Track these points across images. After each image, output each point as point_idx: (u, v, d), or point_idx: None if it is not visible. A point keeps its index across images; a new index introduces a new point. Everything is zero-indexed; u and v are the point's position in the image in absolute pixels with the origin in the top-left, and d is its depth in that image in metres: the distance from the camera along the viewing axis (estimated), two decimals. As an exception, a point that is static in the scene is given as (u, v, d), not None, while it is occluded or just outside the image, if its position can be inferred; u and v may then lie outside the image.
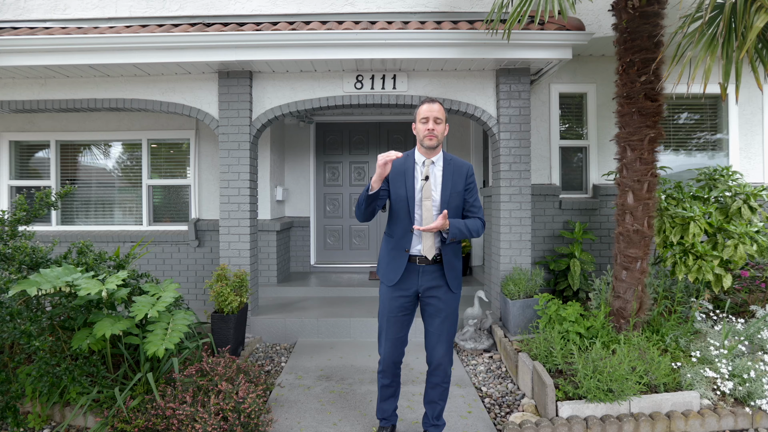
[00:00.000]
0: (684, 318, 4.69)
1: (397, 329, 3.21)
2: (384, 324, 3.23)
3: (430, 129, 3.06)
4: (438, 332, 3.18)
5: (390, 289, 3.19)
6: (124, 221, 7.38)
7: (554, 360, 4.04)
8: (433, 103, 3.09)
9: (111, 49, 5.21)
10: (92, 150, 7.44)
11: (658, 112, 4.35)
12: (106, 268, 4.08)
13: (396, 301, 3.18)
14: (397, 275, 3.13)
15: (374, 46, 5.21)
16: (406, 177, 3.14)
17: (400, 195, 3.13)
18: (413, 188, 3.13)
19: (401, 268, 3.12)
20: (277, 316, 5.85)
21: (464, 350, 5.36)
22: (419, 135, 3.13)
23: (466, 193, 3.21)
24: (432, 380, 3.27)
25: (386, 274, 3.21)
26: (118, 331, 3.35)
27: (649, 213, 4.42)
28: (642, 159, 4.39)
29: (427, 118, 3.07)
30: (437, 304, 3.16)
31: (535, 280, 5.34)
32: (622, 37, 4.49)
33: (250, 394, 3.34)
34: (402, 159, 3.17)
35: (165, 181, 7.29)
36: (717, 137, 6.68)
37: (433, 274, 3.14)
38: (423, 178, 3.11)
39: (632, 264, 4.47)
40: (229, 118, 5.70)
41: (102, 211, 7.41)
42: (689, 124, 6.71)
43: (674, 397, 3.56)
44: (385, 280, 3.22)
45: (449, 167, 3.18)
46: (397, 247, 3.16)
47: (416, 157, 3.21)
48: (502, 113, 5.68)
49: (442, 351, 3.18)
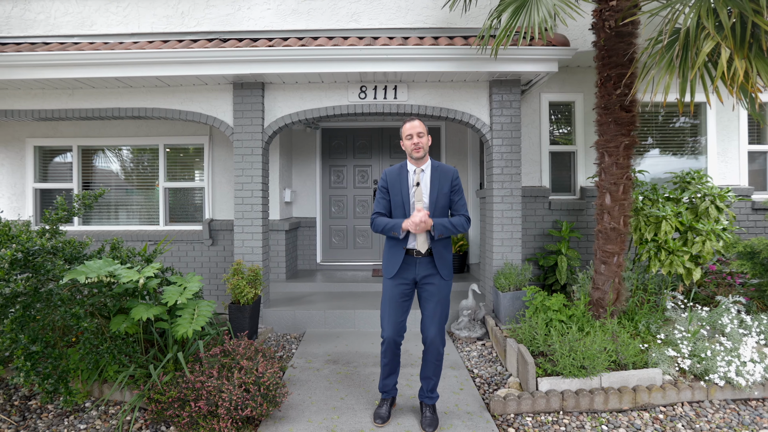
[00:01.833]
0: (657, 307, 5.16)
1: (399, 314, 3.70)
2: (387, 309, 3.71)
3: (415, 143, 3.60)
4: (431, 314, 3.66)
5: (391, 281, 3.70)
6: (142, 221, 7.89)
7: (537, 343, 4.53)
8: (413, 120, 3.66)
9: (136, 63, 5.72)
10: (112, 154, 7.95)
11: (632, 121, 4.83)
12: (137, 261, 4.58)
13: (398, 288, 3.69)
14: (395, 268, 3.66)
15: (377, 60, 5.71)
16: (402, 185, 3.69)
17: (398, 200, 3.69)
18: (408, 194, 3.68)
19: (399, 262, 3.65)
20: (287, 309, 6.35)
21: (459, 338, 5.84)
22: (407, 150, 3.67)
23: (452, 194, 3.72)
24: (427, 357, 3.73)
25: (386, 268, 3.74)
26: (152, 315, 3.84)
27: (625, 212, 4.90)
28: (618, 164, 4.87)
29: (411, 134, 3.62)
30: (431, 289, 3.66)
31: (525, 274, 5.82)
32: (600, 54, 4.97)
33: (268, 369, 3.83)
34: (397, 169, 3.75)
35: (180, 184, 7.80)
36: (699, 142, 7.15)
37: (428, 264, 3.67)
38: (415, 184, 3.67)
39: (610, 259, 4.95)
40: (243, 125, 6.20)
41: (121, 212, 7.92)
42: (678, 129, 7.18)
43: (640, 373, 4.05)
44: (386, 273, 3.75)
45: (436, 173, 3.71)
46: (396, 245, 3.68)
47: (408, 166, 3.74)
48: (494, 121, 6.16)
49: (435, 330, 3.65)
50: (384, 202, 3.74)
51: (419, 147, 3.61)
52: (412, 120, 3.67)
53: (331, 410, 3.97)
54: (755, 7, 3.45)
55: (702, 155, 7.12)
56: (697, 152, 7.15)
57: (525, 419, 3.85)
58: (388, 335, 3.70)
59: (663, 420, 3.80)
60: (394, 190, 3.70)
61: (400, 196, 3.68)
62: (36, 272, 3.74)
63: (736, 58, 3.50)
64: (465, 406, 4.03)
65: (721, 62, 3.48)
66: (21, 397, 4.24)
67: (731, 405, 4.02)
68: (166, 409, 3.67)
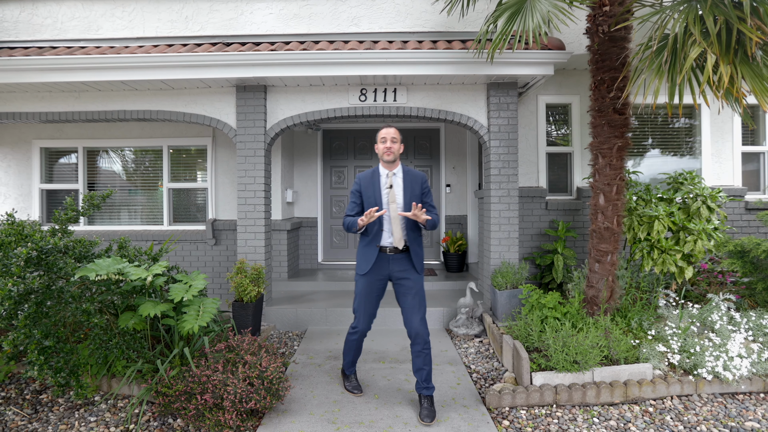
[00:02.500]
0: (649, 305, 5.30)
1: (371, 306, 4.08)
2: (363, 305, 4.06)
3: (387, 147, 3.94)
4: (412, 306, 3.92)
5: (364, 277, 4.01)
6: (146, 221, 8.04)
7: (532, 340, 4.67)
8: (390, 127, 4.01)
9: (142, 67, 5.87)
10: (116, 155, 8.10)
11: (625, 123, 4.96)
12: (144, 260, 4.73)
13: (373, 285, 4.02)
14: (368, 265, 3.97)
15: (377, 63, 5.85)
16: (374, 188, 4.00)
17: (371, 202, 3.96)
18: (380, 195, 3.99)
19: (372, 260, 3.96)
20: (289, 307, 6.49)
21: (457, 335, 5.98)
22: (380, 152, 4.00)
23: (423, 197, 4.04)
24: (415, 348, 3.91)
25: (360, 265, 4.04)
26: (159, 312, 3.98)
27: (618, 212, 5.03)
28: (611, 165, 5.00)
29: (385, 138, 3.96)
30: (408, 284, 3.95)
31: (521, 273, 5.96)
32: (594, 58, 5.09)
33: (271, 364, 3.97)
34: (369, 174, 4.06)
35: (184, 185, 7.94)
36: (694, 143, 7.28)
37: (403, 260, 3.99)
38: (388, 187, 3.98)
39: (603, 257, 5.08)
40: (245, 127, 6.35)
41: (125, 212, 8.07)
42: (674, 130, 7.30)
43: (631, 368, 4.19)
44: (359, 270, 4.05)
45: (408, 177, 4.04)
46: (370, 244, 3.99)
47: (381, 170, 4.06)
48: (492, 123, 6.30)
49: (418, 320, 3.89)
50: (355, 206, 4.05)
51: (391, 151, 3.95)
52: (389, 126, 4.01)
53: (332, 403, 4.11)
54: (740, 15, 3.59)
55: (697, 156, 7.25)
56: (692, 153, 7.28)
57: (519, 412, 3.98)
58: (363, 327, 4.12)
59: (652, 413, 3.93)
60: (368, 192, 4.00)
61: (373, 198, 3.97)
62: (48, 270, 3.88)
63: (722, 64, 3.64)
64: (462, 399, 4.17)
65: (707, 67, 3.62)
66: (32, 391, 4.39)
67: (719, 399, 4.15)
68: (173, 402, 3.81)
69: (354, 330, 4.15)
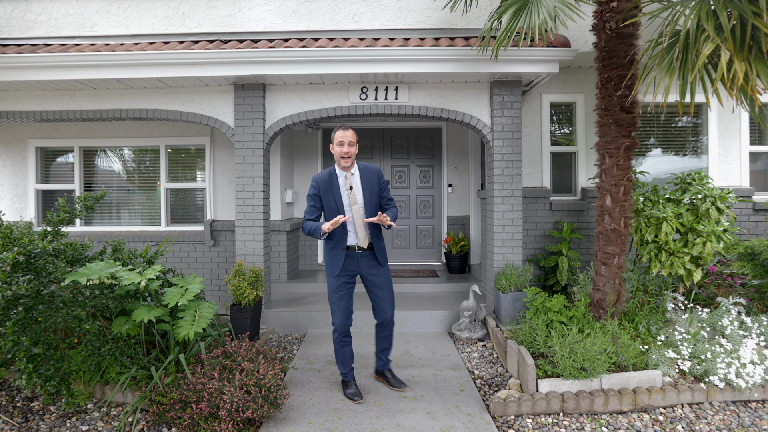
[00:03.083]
0: (657, 309, 5.17)
1: (346, 301, 4.14)
2: (337, 302, 4.10)
3: (345, 151, 3.92)
4: (384, 299, 4.18)
5: (336, 278, 4.08)
6: (143, 222, 7.91)
7: (537, 345, 4.54)
8: (346, 130, 3.95)
9: (137, 65, 5.74)
10: (113, 155, 7.97)
11: (633, 122, 4.83)
12: (138, 263, 4.60)
13: (345, 282, 4.10)
14: (338, 267, 4.05)
15: (378, 61, 5.72)
16: (333, 191, 4.01)
17: (332, 206, 4.02)
18: (340, 198, 4.02)
19: (341, 260, 4.05)
20: (288, 310, 6.36)
21: (460, 339, 5.85)
22: (336, 155, 3.98)
23: (381, 191, 4.16)
24: (384, 333, 4.32)
25: (330, 267, 4.11)
26: (154, 317, 3.85)
27: (625, 214, 4.90)
28: (618, 165, 4.88)
29: (343, 141, 3.93)
30: (376, 278, 4.15)
31: (525, 275, 5.83)
32: (601, 55, 4.96)
33: (269, 371, 3.84)
34: (327, 176, 4.05)
35: (182, 185, 7.81)
36: (701, 142, 7.15)
37: (369, 257, 4.14)
38: (348, 189, 3.99)
39: (610, 260, 4.95)
40: (244, 126, 6.22)
41: (123, 213, 7.95)
42: (679, 129, 7.17)
43: (640, 375, 4.06)
44: (330, 272, 4.11)
45: (365, 174, 4.09)
46: (336, 246, 4.06)
47: (338, 172, 4.06)
48: (495, 122, 6.17)
49: (390, 310, 4.21)
50: (314, 210, 4.07)
51: (348, 156, 3.94)
52: (345, 129, 3.96)
53: (332, 412, 3.98)
54: (755, 10, 3.45)
55: (703, 155, 7.12)
56: (698, 152, 7.15)
57: (525, 421, 3.85)
58: (341, 322, 4.12)
59: (663, 422, 3.80)
60: (327, 196, 4.01)
61: (333, 202, 4.01)
62: (38, 274, 3.75)
63: (736, 61, 3.50)
64: (465, 407, 4.04)
65: (720, 64, 3.48)
66: (23, 399, 4.27)
67: (731, 407, 4.02)
68: (168, 411, 3.69)
69: (335, 329, 4.15)
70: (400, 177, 9.13)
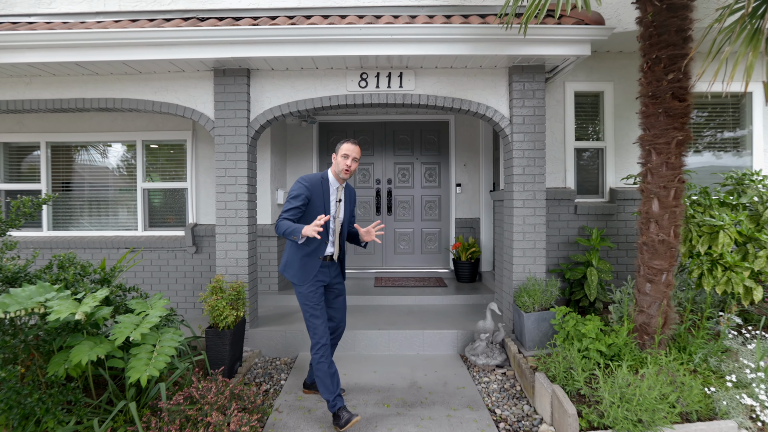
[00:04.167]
0: (712, 334, 4.36)
1: (324, 311, 3.90)
2: (317, 312, 3.81)
3: (348, 165, 3.79)
4: (342, 307, 4.17)
5: (308, 287, 3.82)
6: (118, 226, 7.07)
7: (575, 383, 3.72)
8: (356, 144, 3.86)
9: (98, 46, 4.90)
10: (85, 152, 7.14)
11: (687, 112, 4.03)
12: (87, 283, 3.77)
13: (318, 292, 3.86)
14: (311, 275, 3.81)
15: (379, 41, 4.89)
16: (324, 198, 3.83)
17: (319, 213, 3.78)
18: (329, 207, 3.87)
19: (315, 269, 3.83)
20: (278, 329, 5.53)
21: (475, 366, 5.03)
22: (338, 166, 3.82)
23: (354, 209, 4.22)
24: (334, 341, 4.21)
25: (301, 276, 3.82)
26: (96, 357, 3.03)
27: (676, 222, 4.10)
28: (669, 164, 4.07)
29: (348, 155, 3.79)
30: (340, 287, 4.12)
31: (551, 291, 5.01)
32: (647, 32, 4.15)
33: (243, 426, 3.03)
34: (319, 181, 3.84)
35: (161, 185, 6.98)
36: (739, 136, 6.31)
37: (337, 268, 4.08)
38: (337, 201, 3.92)
39: (657, 276, 4.15)
40: (225, 119, 5.38)
41: (95, 215, 7.11)
42: (707, 122, 6.35)
43: (710, 427, 3.23)
44: (301, 281, 3.82)
45: (347, 191, 4.07)
46: (312, 254, 3.83)
47: (331, 180, 3.91)
48: (515, 113, 5.34)
49: (345, 319, 4.24)
50: (298, 211, 3.71)
51: (350, 171, 3.82)
52: (355, 143, 3.86)
53: (324, 474, 3.17)
54: None
55: (743, 151, 6.28)
56: (739, 147, 6.31)
57: (568, 488, 3.04)
58: (324, 335, 3.79)
59: (744, 490, 2.99)
60: (317, 202, 3.80)
61: (322, 209, 3.81)
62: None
63: None
64: (491, 467, 3.23)
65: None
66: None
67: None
68: (112, 481, 2.88)
69: (319, 347, 3.77)
70: (403, 175, 8.30)
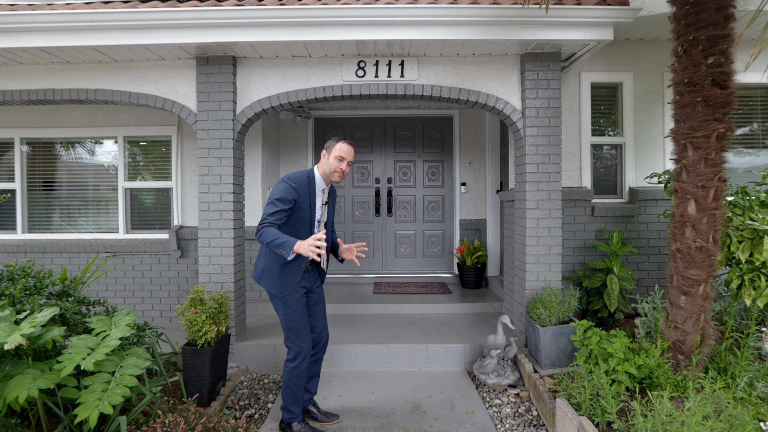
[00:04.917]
0: (757, 354, 3.85)
1: (306, 321, 3.63)
2: (303, 324, 3.57)
3: (342, 169, 3.54)
4: (322, 315, 3.84)
5: (291, 295, 3.52)
6: (98, 228, 6.56)
7: (603, 412, 3.21)
8: (351, 145, 3.58)
9: (64, 29, 4.40)
10: (63, 149, 6.62)
11: (729, 101, 3.52)
12: (38, 299, 3.25)
13: (301, 300, 3.58)
14: (293, 284, 3.51)
15: (379, 24, 4.39)
16: (311, 200, 3.54)
17: (306, 216, 3.52)
18: (315, 211, 3.58)
19: (298, 276, 3.52)
20: (267, 342, 5.02)
21: (485, 385, 4.52)
22: (330, 168, 3.53)
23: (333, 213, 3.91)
24: (318, 356, 3.85)
25: (282, 287, 3.51)
26: (37, 391, 2.53)
27: (716, 226, 3.60)
28: (708, 160, 3.57)
29: (344, 159, 3.52)
30: (320, 292, 3.83)
31: (569, 302, 4.50)
32: (682, 10, 3.64)
33: (213, 474, 2.52)
34: (305, 180, 3.52)
35: (144, 184, 6.47)
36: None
37: (317, 273, 3.78)
38: (324, 203, 3.67)
39: (693, 288, 3.65)
40: (209, 111, 4.88)
41: (74, 216, 6.60)
42: (736, 114, 5.84)
43: (771, 473, 2.73)
44: (281, 292, 3.50)
45: (332, 193, 3.79)
46: (294, 262, 3.50)
47: (317, 181, 3.59)
48: (527, 105, 4.84)
49: (327, 328, 3.90)
50: (284, 215, 3.36)
51: (343, 174, 3.60)
52: (351, 143, 3.60)
53: None
54: None
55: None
56: None
57: None
58: (308, 346, 3.59)
59: None
60: (304, 204, 3.51)
61: (308, 212, 3.55)
62: None
63: None
64: None
65: None
66: None
67: None
68: None
69: (298, 359, 3.54)
70: (404, 174, 7.80)
